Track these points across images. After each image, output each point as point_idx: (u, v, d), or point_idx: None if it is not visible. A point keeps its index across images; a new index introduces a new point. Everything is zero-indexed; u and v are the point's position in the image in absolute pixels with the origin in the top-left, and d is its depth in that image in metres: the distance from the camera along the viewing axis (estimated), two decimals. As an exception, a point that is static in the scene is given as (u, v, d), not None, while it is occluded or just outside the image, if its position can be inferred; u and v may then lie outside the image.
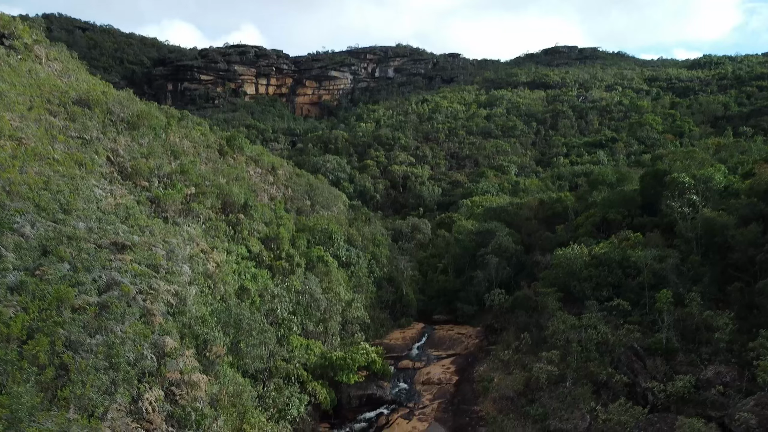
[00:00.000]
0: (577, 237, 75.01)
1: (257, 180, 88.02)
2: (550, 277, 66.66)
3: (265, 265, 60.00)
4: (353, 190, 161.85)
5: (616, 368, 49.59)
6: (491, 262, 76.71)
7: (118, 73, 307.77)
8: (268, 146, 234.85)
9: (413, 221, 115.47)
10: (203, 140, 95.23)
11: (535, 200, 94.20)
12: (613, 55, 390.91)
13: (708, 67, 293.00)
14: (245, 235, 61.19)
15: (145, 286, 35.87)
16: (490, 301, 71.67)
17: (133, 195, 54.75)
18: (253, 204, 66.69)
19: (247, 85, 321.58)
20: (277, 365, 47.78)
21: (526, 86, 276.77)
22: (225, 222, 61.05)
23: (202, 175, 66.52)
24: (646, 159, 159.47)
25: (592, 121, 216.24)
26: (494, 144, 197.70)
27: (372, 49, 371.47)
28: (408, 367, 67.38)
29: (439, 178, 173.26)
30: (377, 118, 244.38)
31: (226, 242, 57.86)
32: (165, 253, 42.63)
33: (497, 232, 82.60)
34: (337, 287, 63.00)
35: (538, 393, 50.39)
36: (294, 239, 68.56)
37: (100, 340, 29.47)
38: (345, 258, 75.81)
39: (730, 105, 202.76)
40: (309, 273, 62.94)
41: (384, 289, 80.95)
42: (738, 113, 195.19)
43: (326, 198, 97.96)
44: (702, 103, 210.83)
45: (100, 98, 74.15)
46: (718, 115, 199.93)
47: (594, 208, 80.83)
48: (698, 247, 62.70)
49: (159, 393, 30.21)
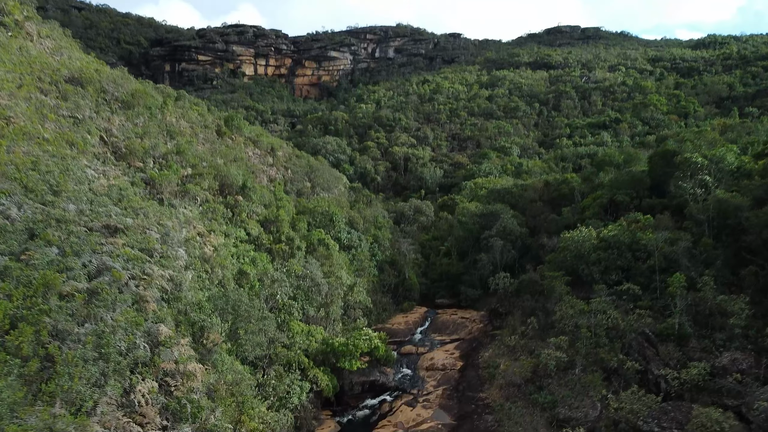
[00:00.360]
0: (584, 219, 73.16)
1: (256, 161, 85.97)
2: (557, 261, 64.91)
3: (264, 249, 58.24)
4: (354, 171, 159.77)
5: (627, 354, 48.02)
6: (496, 245, 74.96)
7: (114, 54, 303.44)
8: (268, 128, 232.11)
9: (416, 203, 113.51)
10: (201, 120, 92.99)
11: (540, 182, 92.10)
12: (616, 35, 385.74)
13: (712, 47, 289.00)
14: (244, 217, 59.34)
15: (137, 272, 34.08)
16: (495, 285, 70.02)
17: (126, 176, 52.79)
18: (251, 186, 64.75)
19: (245, 65, 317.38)
20: (278, 352, 46.24)
21: (528, 66, 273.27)
22: (223, 204, 59.18)
23: (199, 155, 64.49)
24: (651, 140, 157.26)
25: (596, 101, 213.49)
26: (496, 125, 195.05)
27: (372, 29, 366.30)
28: (411, 352, 65.99)
29: (440, 159, 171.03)
30: (378, 99, 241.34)
31: (224, 225, 56.04)
32: (159, 237, 40.79)
33: (502, 215, 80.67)
34: (338, 271, 61.31)
35: (547, 380, 48.93)
36: (294, 222, 66.75)
37: (89, 329, 27.74)
38: (346, 241, 74.11)
39: (735, 85, 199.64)
40: (310, 256, 61.22)
41: (386, 272, 79.32)
42: (743, 94, 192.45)
43: (327, 180, 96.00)
44: (706, 84, 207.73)
45: (93, 76, 71.79)
46: (722, 96, 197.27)
47: (601, 190, 78.86)
48: (710, 229, 60.85)
49: (152, 384, 28.57)
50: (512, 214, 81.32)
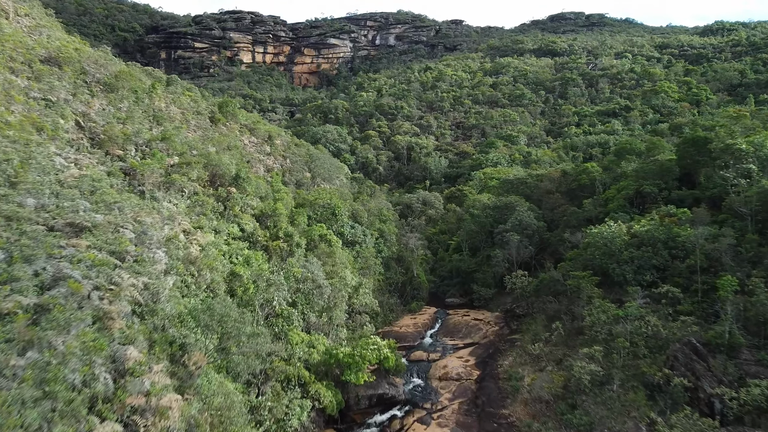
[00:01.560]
0: (608, 212, 67.05)
1: (252, 150, 79.83)
2: (583, 259, 58.94)
3: (260, 246, 52.17)
4: (355, 161, 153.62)
5: (672, 368, 42.17)
6: (512, 241, 68.91)
7: (109, 41, 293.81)
8: (266, 116, 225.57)
9: (423, 195, 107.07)
10: (194, 107, 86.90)
11: (557, 171, 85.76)
12: (621, 22, 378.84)
13: (720, 33, 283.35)
14: (237, 211, 53.19)
15: (103, 281, 28.10)
16: (512, 284, 64.18)
17: (103, 165, 46.68)
18: (246, 176, 58.54)
19: (243, 53, 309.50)
20: (275, 366, 40.39)
21: (532, 54, 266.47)
22: (213, 197, 53.00)
23: (188, 143, 58.33)
24: (664, 128, 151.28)
25: (603, 89, 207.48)
26: (502, 113, 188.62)
27: (372, 15, 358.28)
28: (422, 359, 60.18)
29: (445, 149, 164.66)
30: (378, 87, 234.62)
31: (214, 220, 49.93)
32: (135, 236, 34.80)
33: (517, 207, 74.50)
34: (342, 271, 55.24)
35: (580, 396, 43.10)
36: (293, 216, 60.66)
37: (31, 360, 21.77)
38: (350, 236, 68.00)
39: (747, 72, 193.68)
40: (310, 254, 55.14)
41: (392, 270, 73.29)
42: (755, 81, 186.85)
43: (328, 170, 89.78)
44: (717, 71, 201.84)
45: (72, 56, 65.50)
46: (734, 83, 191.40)
47: (625, 180, 72.72)
48: (753, 223, 54.95)
49: (115, 428, 22.64)
50: (528, 207, 75.18)
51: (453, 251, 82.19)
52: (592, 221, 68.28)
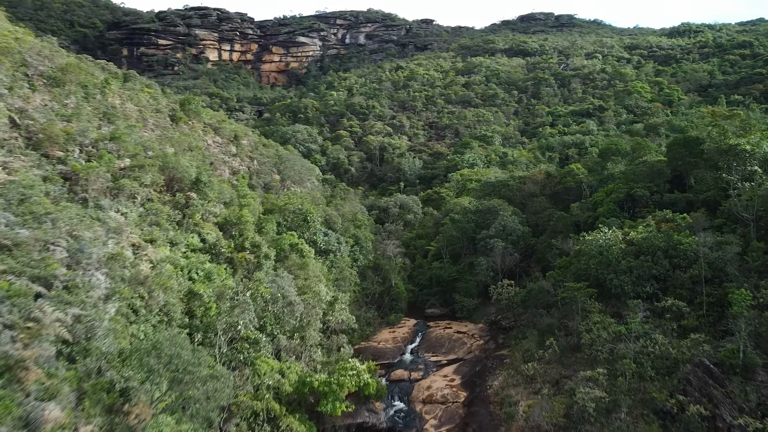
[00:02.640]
0: (598, 217, 63.20)
1: (216, 151, 73.82)
2: (575, 268, 54.71)
3: (223, 259, 46.46)
4: (326, 162, 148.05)
5: (685, 393, 38.04)
6: (496, 248, 64.47)
7: (67, 37, 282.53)
8: (233, 116, 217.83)
9: (401, 199, 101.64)
10: (153, 104, 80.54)
11: (540, 173, 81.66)
12: (590, 22, 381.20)
13: (687, 35, 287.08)
14: (197, 219, 47.33)
15: (17, 317, 22.35)
16: (498, 294, 59.71)
17: (40, 169, 40.49)
18: (207, 180, 52.62)
19: (209, 50, 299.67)
20: (239, 402, 34.92)
21: (504, 54, 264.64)
22: (170, 203, 47.07)
23: (142, 143, 52.20)
24: (639, 128, 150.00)
25: (575, 89, 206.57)
26: (475, 113, 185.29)
27: (342, 13, 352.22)
28: (403, 378, 55.21)
29: (419, 149, 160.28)
30: (349, 86, 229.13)
31: (170, 230, 44.04)
32: (68, 255, 28.99)
33: (500, 211, 70.11)
34: (316, 285, 49.77)
35: (584, 426, 38.68)
36: (261, 223, 55.01)
37: None
38: (323, 245, 62.55)
39: (715, 73, 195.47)
40: (280, 267, 49.59)
41: (369, 279, 68.12)
42: (724, 81, 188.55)
43: (298, 171, 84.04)
44: (686, 71, 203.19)
45: (11, 46, 58.67)
46: (703, 84, 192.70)
47: (613, 182, 69.07)
48: (755, 229, 51.54)
49: None
50: (512, 211, 70.92)
51: (432, 258, 77.43)
52: (581, 226, 64.35)
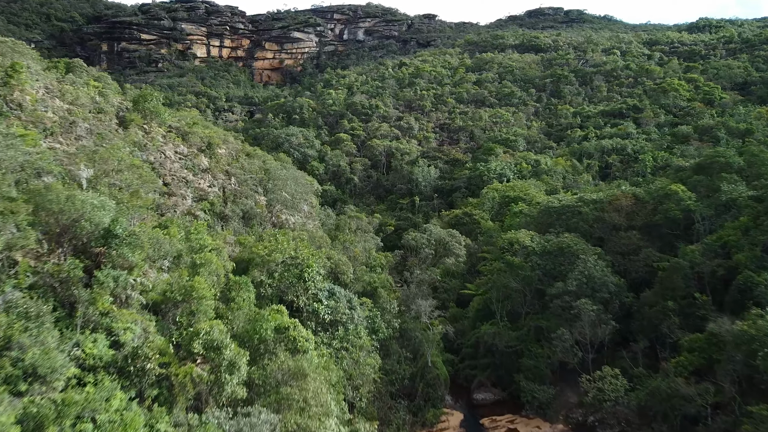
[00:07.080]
0: (737, 268, 42.66)
1: (177, 166, 53.05)
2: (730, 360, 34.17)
3: (149, 383, 25.44)
4: (324, 170, 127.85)
5: None
6: (584, 311, 43.83)
7: (43, 32, 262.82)
8: (222, 117, 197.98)
9: (438, 234, 71.94)
10: (101, 102, 60.28)
11: (626, 197, 59.85)
12: (600, 18, 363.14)
13: (708, 30, 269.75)
14: (105, 305, 26.39)
15: None
16: (595, 390, 39.20)
17: None
18: (125, 231, 30.20)
19: (196, 46, 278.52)
20: None
21: (514, 50, 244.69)
22: (57, 278, 26.05)
23: (31, 164, 31.23)
24: (685, 130, 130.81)
25: (599, 87, 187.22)
26: (492, 113, 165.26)
27: (340, 8, 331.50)
28: None
29: (432, 155, 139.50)
30: (349, 84, 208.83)
31: (44, 333, 23.14)
32: None
33: (580, 254, 49.40)
34: (314, 424, 28.14)
35: None
36: (228, 291, 34.13)
37: None
38: (327, 313, 41.43)
39: (750, 70, 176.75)
40: (257, 392, 28.33)
41: (394, 355, 46.97)
42: (760, 78, 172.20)
43: (292, 191, 62.71)
44: (717, 68, 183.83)
45: None
46: (738, 81, 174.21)
47: (734, 210, 48.64)
48: None
49: None
50: (597, 254, 50.24)
51: (476, 312, 56.48)
52: (704, 280, 43.97)
